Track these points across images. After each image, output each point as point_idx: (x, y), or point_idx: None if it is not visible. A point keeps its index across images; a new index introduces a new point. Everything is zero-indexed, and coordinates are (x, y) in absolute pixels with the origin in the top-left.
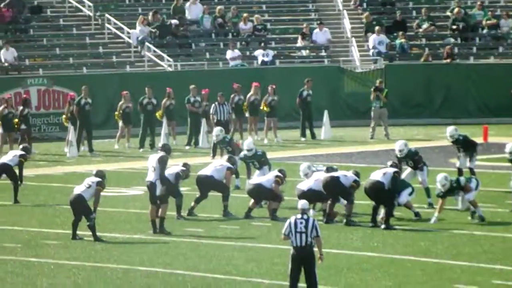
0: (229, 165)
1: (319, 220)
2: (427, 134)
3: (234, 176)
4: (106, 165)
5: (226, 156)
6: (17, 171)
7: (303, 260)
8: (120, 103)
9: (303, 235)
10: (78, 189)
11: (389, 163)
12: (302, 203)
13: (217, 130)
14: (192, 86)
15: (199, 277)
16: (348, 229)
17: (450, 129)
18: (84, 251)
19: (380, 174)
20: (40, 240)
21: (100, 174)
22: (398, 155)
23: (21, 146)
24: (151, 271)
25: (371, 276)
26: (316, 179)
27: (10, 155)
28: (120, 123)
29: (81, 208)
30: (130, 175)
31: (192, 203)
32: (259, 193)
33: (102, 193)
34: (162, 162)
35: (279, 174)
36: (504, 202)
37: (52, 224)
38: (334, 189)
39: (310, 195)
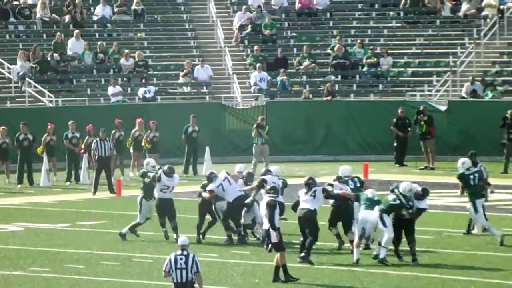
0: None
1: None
2: (308, 170)
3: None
4: None
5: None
6: None
7: None
8: None
9: (184, 271)
10: None
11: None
12: (182, 239)
13: (241, 166)
14: (70, 122)
15: None
16: (229, 265)
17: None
18: None
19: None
20: None
21: None
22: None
23: None
24: None
25: None
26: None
27: None
28: None
29: None
30: (10, 211)
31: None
32: None
33: None
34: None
35: None
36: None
37: None
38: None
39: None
